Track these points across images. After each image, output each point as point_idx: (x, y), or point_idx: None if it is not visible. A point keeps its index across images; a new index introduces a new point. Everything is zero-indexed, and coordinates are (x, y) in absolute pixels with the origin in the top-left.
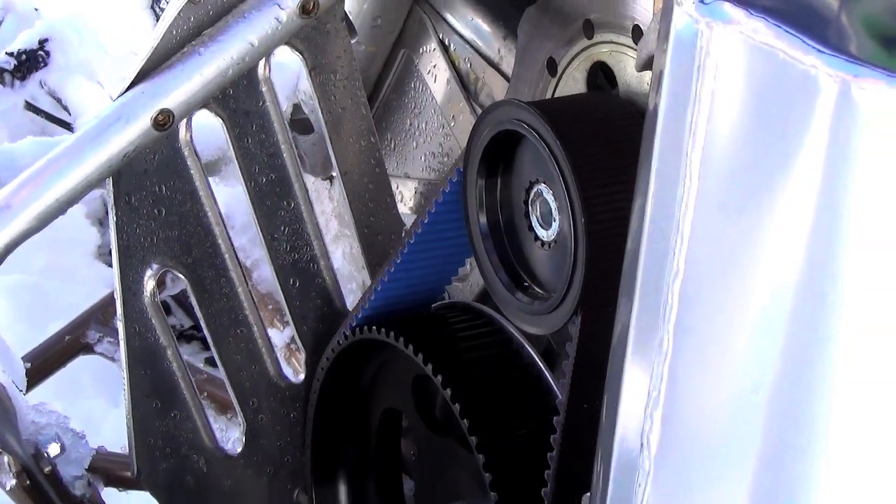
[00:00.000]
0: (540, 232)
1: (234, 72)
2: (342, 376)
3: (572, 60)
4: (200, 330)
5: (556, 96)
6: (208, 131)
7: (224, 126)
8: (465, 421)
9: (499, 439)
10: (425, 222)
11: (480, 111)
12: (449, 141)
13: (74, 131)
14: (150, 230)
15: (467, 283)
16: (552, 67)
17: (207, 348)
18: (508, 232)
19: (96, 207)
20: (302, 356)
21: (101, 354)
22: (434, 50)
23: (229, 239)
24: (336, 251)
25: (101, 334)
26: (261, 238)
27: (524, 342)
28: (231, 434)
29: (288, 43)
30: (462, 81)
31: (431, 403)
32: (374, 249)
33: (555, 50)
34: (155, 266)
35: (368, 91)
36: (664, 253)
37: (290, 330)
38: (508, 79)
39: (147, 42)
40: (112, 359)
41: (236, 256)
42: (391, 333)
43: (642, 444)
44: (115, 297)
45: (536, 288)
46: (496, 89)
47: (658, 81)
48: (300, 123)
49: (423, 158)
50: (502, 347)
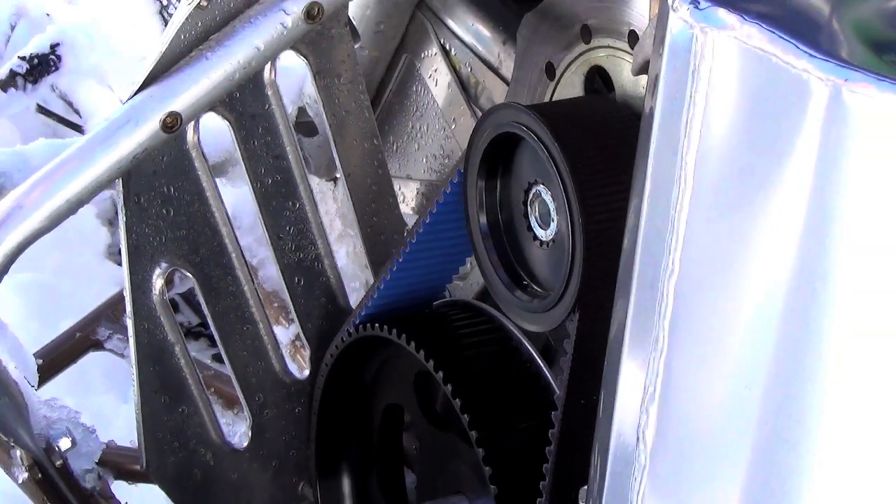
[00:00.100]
0: (538, 232)
1: (241, 76)
2: (346, 372)
3: (570, 65)
4: (208, 327)
5: (555, 100)
6: (216, 133)
7: (231, 128)
8: (466, 416)
9: (498, 434)
10: (427, 222)
11: (480, 114)
12: (450, 143)
13: (85, 133)
14: (159, 230)
15: (468, 282)
16: (550, 71)
17: (214, 345)
18: (508, 232)
19: (106, 208)
20: (306, 353)
21: (111, 351)
22: (435, 54)
23: (236, 238)
24: (340, 250)
25: (111, 331)
26: (267, 238)
27: (523, 339)
28: (237, 428)
29: (293, 47)
30: (463, 85)
31: (433, 399)
32: (377, 249)
33: (553, 54)
34: (163, 265)
35: (371, 94)
36: (659, 252)
37: (295, 327)
38: (508, 82)
39: (156, 47)
40: (122, 355)
41: (243, 255)
42: (394, 331)
43: (638, 439)
44: (125, 295)
45: (535, 286)
46: (496, 93)
47: (654, 85)
48: (305, 126)
49: (425, 160)
50: (502, 344)
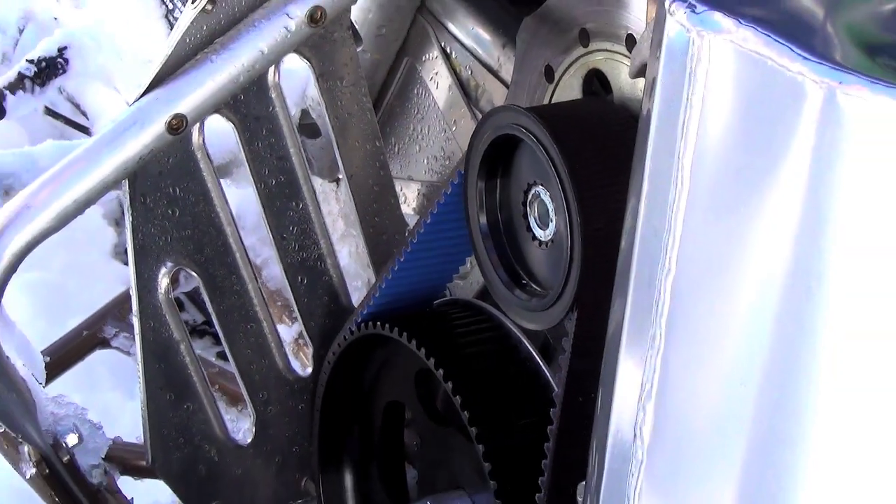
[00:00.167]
0: (537, 232)
1: (245, 78)
2: (348, 370)
3: (569, 68)
4: (212, 325)
5: (553, 102)
6: (220, 135)
7: (235, 130)
8: (466, 413)
9: (498, 431)
10: (428, 222)
11: (481, 116)
12: (450, 145)
13: (92, 135)
14: (165, 230)
15: (468, 281)
16: (549, 74)
17: (219, 343)
18: (507, 232)
19: (113, 208)
20: (309, 350)
21: (118, 349)
22: (436, 58)
23: (240, 238)
24: (342, 250)
25: (118, 329)
26: (270, 237)
27: (522, 337)
28: (241, 425)
29: (296, 51)
30: (463, 88)
31: (433, 396)
32: (379, 248)
33: (552, 58)
34: (169, 264)
35: (373, 97)
36: (656, 251)
37: (298, 325)
38: (507, 85)
39: (162, 50)
40: (128, 353)
41: (247, 255)
42: (395, 329)
43: (635, 435)
44: (131, 294)
45: (534, 285)
46: (496, 95)
47: (651, 87)
48: (308, 128)
49: (426, 161)
50: (501, 343)
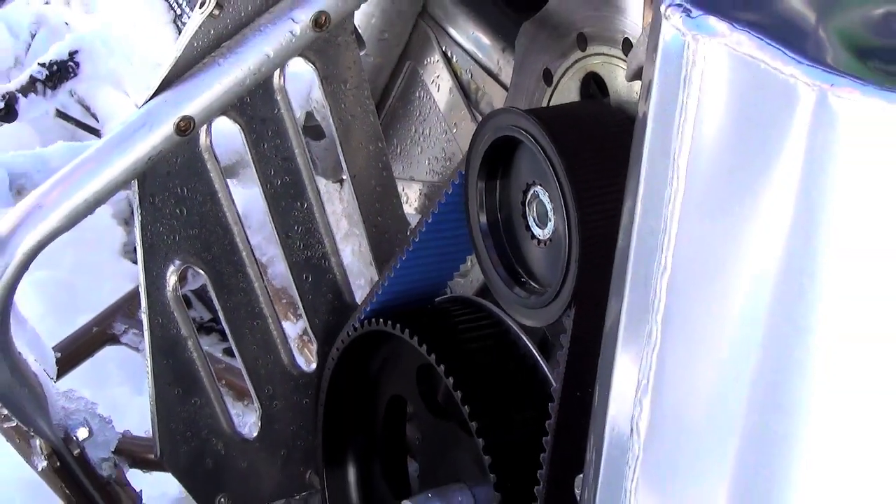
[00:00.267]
0: (536, 231)
1: (251, 81)
2: (351, 365)
3: (567, 71)
4: (219, 322)
5: (552, 104)
6: (227, 137)
7: (242, 132)
8: (466, 407)
9: (498, 425)
10: (429, 222)
11: (481, 118)
12: (451, 146)
13: (102, 137)
14: (173, 229)
15: (468, 279)
16: (548, 77)
17: (226, 339)
18: (507, 231)
19: (122, 208)
20: (314, 347)
21: (127, 345)
22: (437, 61)
23: (246, 237)
24: (346, 249)
25: (127, 326)
26: (276, 236)
27: (521, 334)
28: (247, 419)
29: (301, 54)
30: (463, 91)
31: (434, 391)
32: (382, 247)
33: (550, 61)
34: (177, 262)
35: (376, 99)
36: (652, 250)
37: (303, 322)
38: (507, 88)
39: (170, 54)
40: (137, 349)
41: (253, 253)
42: (397, 325)
43: (632, 429)
44: (140, 292)
45: (533, 283)
46: (495, 98)
47: (647, 90)
48: (313, 130)
49: (427, 162)
50: (501, 339)
